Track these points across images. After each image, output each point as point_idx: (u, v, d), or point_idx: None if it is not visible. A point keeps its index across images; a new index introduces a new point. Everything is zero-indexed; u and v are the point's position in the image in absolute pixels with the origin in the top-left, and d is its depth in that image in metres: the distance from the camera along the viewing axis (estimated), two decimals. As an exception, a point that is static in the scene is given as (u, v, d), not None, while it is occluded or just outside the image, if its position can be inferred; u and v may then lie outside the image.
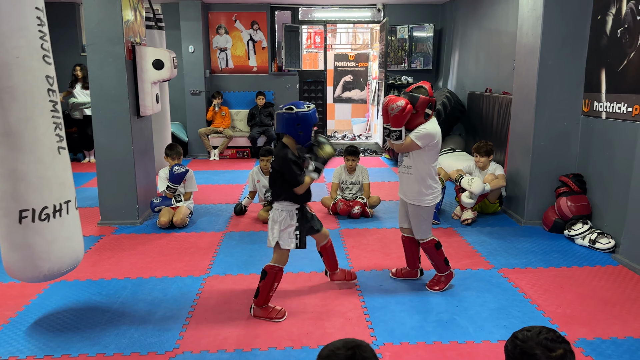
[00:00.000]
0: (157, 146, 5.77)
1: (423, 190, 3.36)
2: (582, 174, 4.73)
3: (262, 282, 3.13)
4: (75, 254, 3.00)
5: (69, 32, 8.90)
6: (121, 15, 4.63)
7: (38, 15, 2.75)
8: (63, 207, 2.86)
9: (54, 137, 2.82)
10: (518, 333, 1.57)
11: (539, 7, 4.65)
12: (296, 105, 3.06)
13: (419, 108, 3.23)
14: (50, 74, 2.82)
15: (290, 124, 3.02)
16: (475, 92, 7.55)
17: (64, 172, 2.90)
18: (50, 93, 2.79)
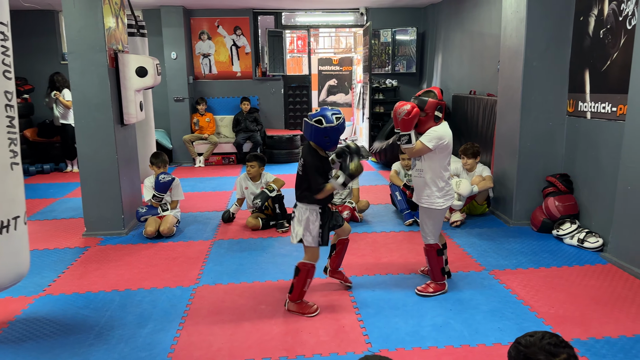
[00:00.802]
0: (142, 154, 5.68)
1: (435, 193, 3.38)
2: (568, 173, 4.77)
3: (296, 279, 3.22)
4: (19, 269, 2.89)
5: (48, 40, 8.76)
6: (103, 22, 4.55)
7: (2, 30, 2.67)
8: (11, 223, 2.78)
9: (7, 152, 2.74)
10: (521, 339, 1.56)
11: (522, 9, 4.69)
12: (325, 117, 3.07)
13: (428, 111, 3.28)
14: (10, 89, 2.74)
15: (318, 134, 3.10)
16: (459, 95, 7.59)
17: (15, 188, 2.81)
18: (7, 109, 2.71)
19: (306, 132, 3.16)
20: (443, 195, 3.39)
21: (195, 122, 8.88)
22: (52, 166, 8.12)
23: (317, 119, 3.08)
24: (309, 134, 3.13)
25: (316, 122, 3.08)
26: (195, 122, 8.88)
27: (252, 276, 3.89)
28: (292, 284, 3.25)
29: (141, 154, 5.64)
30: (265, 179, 5.22)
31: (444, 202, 3.40)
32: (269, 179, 5.20)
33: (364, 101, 9.52)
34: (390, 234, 4.84)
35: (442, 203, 3.39)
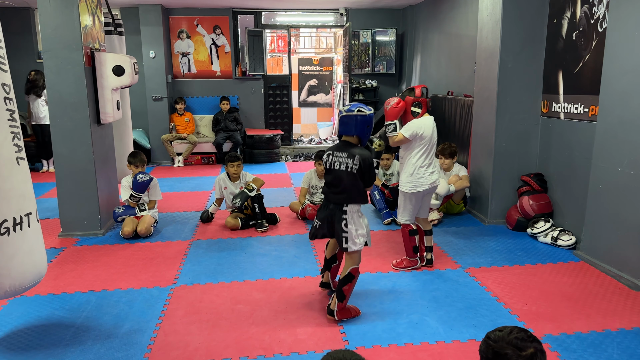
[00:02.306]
0: (119, 154, 5.62)
1: (407, 177, 3.81)
2: (542, 173, 4.86)
3: (348, 286, 3.13)
4: (37, 268, 2.88)
5: (23, 38, 8.60)
6: (79, 20, 4.50)
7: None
8: (24, 220, 2.75)
9: (12, 147, 2.70)
10: (490, 334, 1.60)
11: (497, 11, 4.77)
12: (363, 107, 3.14)
13: (406, 107, 3.80)
14: (7, 82, 2.71)
15: (363, 125, 3.12)
16: (437, 95, 7.67)
17: (23, 183, 2.78)
18: (6, 102, 2.68)
19: (347, 126, 3.14)
20: (412, 181, 3.79)
21: (172, 127, 8.81)
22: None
23: (358, 109, 3.12)
24: (351, 126, 3.12)
25: (359, 112, 3.11)
26: (172, 127, 8.81)
27: (230, 276, 3.89)
28: (342, 291, 3.11)
29: (118, 153, 5.59)
30: (245, 178, 5.21)
31: (412, 187, 3.79)
32: (248, 179, 5.19)
33: (344, 101, 9.57)
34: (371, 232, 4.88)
35: (410, 187, 3.79)
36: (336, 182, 3.13)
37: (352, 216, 3.10)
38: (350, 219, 3.09)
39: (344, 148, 3.15)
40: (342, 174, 3.11)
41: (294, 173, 7.92)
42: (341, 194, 3.11)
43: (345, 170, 3.11)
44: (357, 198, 3.11)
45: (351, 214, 3.10)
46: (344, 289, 3.12)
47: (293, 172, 8.04)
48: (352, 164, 3.08)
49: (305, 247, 4.50)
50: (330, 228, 3.17)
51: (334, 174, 3.15)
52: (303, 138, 10.98)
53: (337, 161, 3.15)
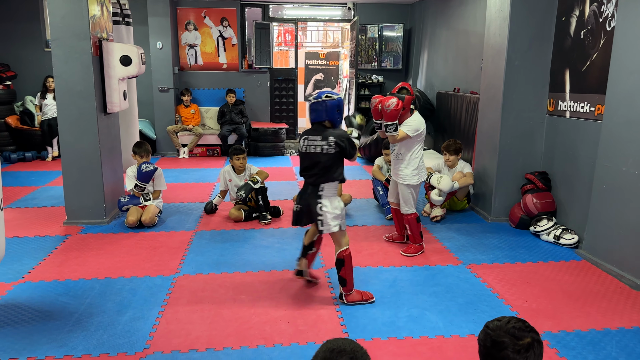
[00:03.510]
0: (125, 144, 5.65)
1: (413, 172, 4.07)
2: (547, 171, 4.86)
3: (343, 270, 3.22)
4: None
5: (32, 26, 8.63)
6: (87, 9, 4.52)
7: None
8: None
9: None
10: (489, 323, 1.63)
11: (506, 8, 4.76)
12: (331, 93, 3.26)
13: (405, 106, 3.96)
14: None
15: (332, 109, 3.21)
16: (443, 92, 7.67)
17: None
18: None
19: (318, 113, 3.23)
20: (418, 172, 4.09)
21: (178, 118, 8.83)
22: (34, 154, 8.04)
23: (326, 95, 3.22)
24: (322, 112, 3.22)
25: (327, 97, 3.21)
26: (178, 118, 8.83)
27: (233, 267, 3.92)
28: (341, 276, 3.24)
29: (124, 143, 5.62)
30: (249, 171, 5.24)
31: (419, 178, 4.11)
32: (252, 171, 5.21)
33: (350, 96, 9.57)
34: (372, 227, 4.90)
35: (417, 179, 4.10)
36: (312, 165, 3.21)
37: (328, 198, 3.19)
38: (326, 201, 3.17)
39: (317, 131, 3.23)
40: (318, 157, 3.19)
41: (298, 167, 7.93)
42: (317, 176, 3.20)
43: (320, 152, 3.18)
44: (333, 176, 3.20)
45: (327, 197, 3.18)
46: (341, 274, 3.24)
47: (297, 165, 8.05)
48: (327, 145, 3.16)
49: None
50: (309, 212, 3.23)
51: (309, 157, 3.23)
52: (308, 132, 10.98)
53: (312, 144, 3.22)
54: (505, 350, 1.54)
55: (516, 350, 1.53)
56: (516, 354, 1.52)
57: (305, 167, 3.27)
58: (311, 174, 3.23)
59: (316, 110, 3.24)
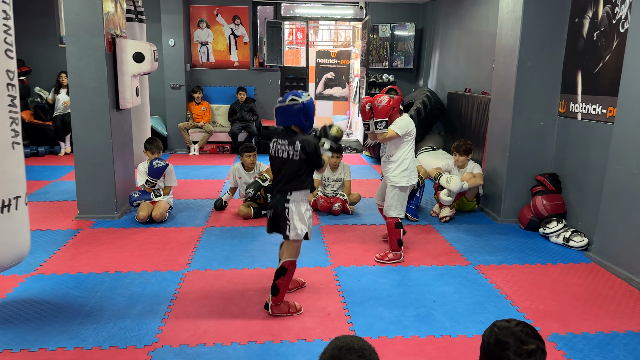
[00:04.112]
0: (137, 140, 5.71)
1: (402, 173, 3.96)
2: (557, 173, 4.84)
3: (281, 279, 3.10)
4: (20, 249, 2.94)
5: (46, 23, 8.73)
6: (101, 6, 4.57)
7: (4, 8, 2.70)
8: (12, 203, 2.82)
9: (9, 132, 2.77)
10: (498, 322, 1.62)
11: (518, 9, 4.74)
12: (297, 95, 3.06)
13: (395, 105, 3.92)
14: (11, 68, 2.77)
15: (297, 114, 3.03)
16: (454, 92, 7.65)
17: (16, 167, 2.85)
18: (9, 87, 2.75)
19: (283, 117, 3.07)
20: (407, 174, 3.98)
21: (189, 115, 8.89)
22: (47, 149, 8.13)
23: (290, 98, 3.04)
24: (286, 117, 3.05)
25: (292, 101, 3.03)
26: (189, 115, 8.89)
27: (241, 263, 3.95)
28: (276, 285, 3.10)
29: (136, 139, 5.68)
30: (259, 169, 5.27)
31: (408, 180, 3.98)
32: (262, 169, 5.24)
33: (361, 95, 9.56)
34: (380, 226, 4.90)
35: (407, 181, 3.97)
36: (280, 170, 3.09)
37: (296, 205, 3.06)
38: (293, 208, 3.05)
39: (285, 135, 3.08)
40: (284, 162, 3.06)
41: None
42: (284, 182, 3.07)
43: (286, 157, 3.05)
44: (300, 184, 3.06)
45: (295, 203, 3.05)
46: (277, 283, 3.10)
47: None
48: (293, 151, 3.02)
49: (315, 237, 4.54)
50: (276, 219, 3.12)
51: (277, 162, 3.10)
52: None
53: (279, 148, 3.09)
54: (507, 351, 1.53)
55: (518, 354, 1.51)
56: (517, 357, 1.51)
57: (274, 172, 3.15)
58: (279, 180, 3.10)
59: (281, 115, 3.07)
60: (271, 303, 3.14)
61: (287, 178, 3.06)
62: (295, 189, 3.06)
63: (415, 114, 7.60)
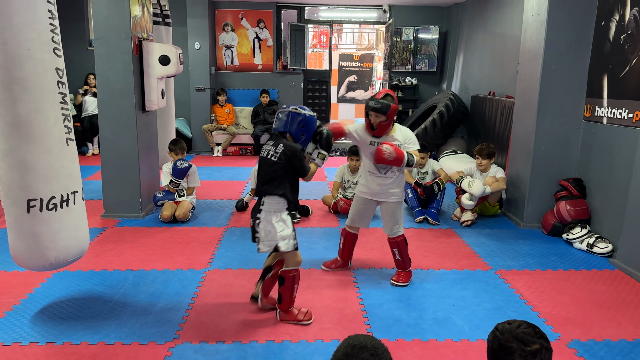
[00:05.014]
0: (161, 141, 5.82)
1: (401, 189, 3.66)
2: (582, 178, 4.76)
3: (282, 288, 3.03)
4: (80, 244, 3.05)
5: (76, 26, 8.96)
6: (129, 10, 4.68)
7: (49, 8, 2.80)
8: (70, 198, 2.91)
9: (62, 128, 2.87)
10: (499, 325, 1.60)
11: (543, 12, 4.69)
12: (301, 107, 3.03)
13: (389, 116, 3.41)
14: (60, 66, 2.87)
15: (297, 123, 2.97)
16: (478, 95, 7.59)
17: (71, 163, 2.95)
18: (59, 85, 2.85)
19: (281, 122, 2.99)
20: (403, 188, 3.71)
21: (213, 117, 9.02)
22: (75, 149, 8.33)
23: (293, 107, 3.01)
24: (285, 123, 2.98)
25: (294, 109, 2.99)
26: (213, 117, 9.02)
27: (261, 263, 3.95)
28: (280, 294, 3.05)
29: (161, 140, 5.79)
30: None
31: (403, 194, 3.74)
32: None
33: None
34: (400, 229, 4.89)
35: (402, 195, 3.70)
36: (261, 172, 2.99)
37: (267, 216, 2.89)
38: (263, 220, 2.89)
39: (274, 138, 3.01)
40: (265, 163, 2.97)
41: (328, 167, 7.97)
42: (260, 184, 2.96)
43: (267, 157, 2.95)
44: (273, 188, 2.90)
45: (265, 213, 2.89)
46: (280, 291, 3.04)
47: (327, 166, 8.09)
48: (274, 151, 2.92)
49: (335, 240, 4.55)
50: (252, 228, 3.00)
51: (261, 162, 3.02)
52: (340, 134, 11.01)
53: (265, 149, 3.01)
54: (512, 355, 1.51)
55: (523, 356, 1.50)
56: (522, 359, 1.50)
57: (258, 176, 3.05)
58: (258, 182, 3.00)
59: (279, 119, 3.01)
60: (279, 310, 3.10)
61: (263, 180, 2.96)
62: (268, 193, 2.91)
63: (438, 117, 7.57)
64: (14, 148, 2.73)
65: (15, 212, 2.81)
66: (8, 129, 2.71)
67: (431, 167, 5.46)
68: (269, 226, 2.91)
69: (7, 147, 2.73)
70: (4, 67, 2.66)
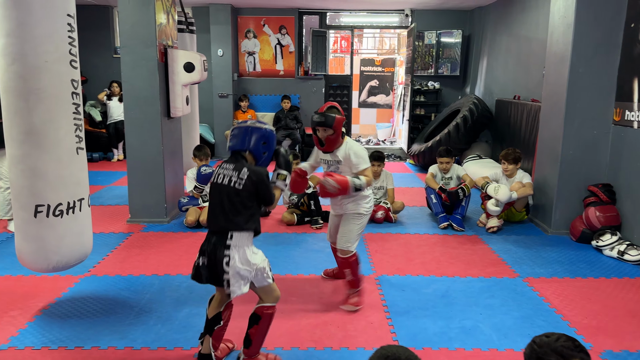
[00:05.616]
0: (186, 147, 5.88)
1: (363, 200, 3.31)
2: (611, 184, 4.65)
3: (255, 328, 2.60)
4: (83, 248, 3.15)
5: (102, 34, 9.14)
6: (154, 18, 4.75)
7: (69, 21, 2.87)
8: (76, 205, 3.00)
9: (74, 138, 2.95)
10: (537, 338, 1.56)
11: (570, 15, 4.60)
12: (260, 122, 2.68)
13: (336, 129, 3.21)
14: (76, 77, 2.95)
15: (258, 139, 2.58)
16: (503, 99, 7.49)
17: (80, 171, 3.03)
18: (74, 96, 2.93)
19: (237, 139, 2.59)
20: (367, 200, 3.35)
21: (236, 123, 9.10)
22: (100, 155, 8.49)
23: (251, 123, 2.64)
24: (242, 139, 2.58)
25: (255, 125, 2.62)
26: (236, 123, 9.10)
27: (285, 269, 3.99)
28: (249, 335, 2.61)
29: (185, 146, 5.84)
30: (303, 175, 5.30)
31: (370, 206, 3.38)
32: (306, 176, 5.27)
33: (405, 103, 9.50)
34: (424, 236, 4.85)
35: (369, 207, 3.35)
36: (218, 202, 2.51)
37: (238, 252, 2.48)
38: (234, 257, 2.46)
39: (232, 160, 2.58)
40: (224, 191, 2.50)
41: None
42: (223, 219, 2.49)
43: (227, 185, 2.50)
44: (244, 224, 2.48)
45: (237, 248, 2.47)
46: (250, 332, 2.60)
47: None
48: (237, 177, 2.48)
49: (359, 246, 4.52)
50: (213, 268, 2.52)
51: (216, 191, 2.55)
52: (361, 138, 11.00)
53: (221, 174, 2.55)
54: None
55: None
56: None
57: (211, 205, 2.58)
58: (216, 214, 2.52)
59: (236, 136, 2.59)
60: (243, 356, 2.66)
61: (224, 214, 2.49)
62: (236, 229, 2.47)
63: (461, 121, 7.49)
64: (26, 155, 2.83)
65: (22, 216, 2.92)
66: (22, 136, 2.82)
67: (456, 172, 5.39)
68: (245, 264, 2.49)
69: (20, 153, 2.84)
70: (23, 78, 2.76)
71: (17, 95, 2.78)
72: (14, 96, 2.79)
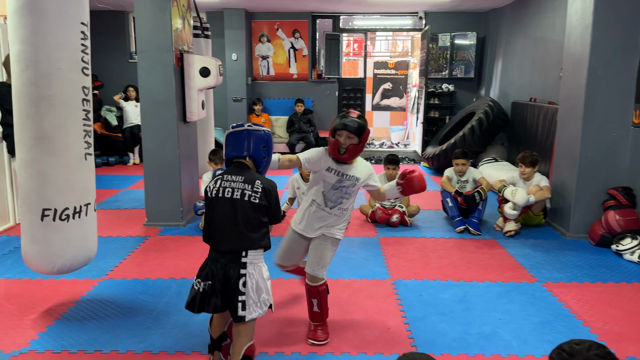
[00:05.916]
0: (201, 151, 5.91)
1: (344, 224, 3.04)
2: (631, 187, 4.58)
3: None
4: (88, 253, 3.20)
5: (118, 39, 9.24)
6: (171, 23, 4.78)
7: (82, 29, 2.91)
8: (83, 209, 3.05)
9: (82, 144, 2.99)
10: (565, 345, 1.47)
11: (588, 16, 4.55)
12: (255, 124, 2.51)
13: (363, 139, 2.88)
14: (87, 84, 2.99)
15: (258, 143, 2.43)
16: (519, 101, 7.43)
17: (88, 176, 3.07)
18: (84, 103, 2.97)
19: (235, 145, 2.42)
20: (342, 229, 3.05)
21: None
22: (116, 159, 8.57)
23: (249, 125, 2.46)
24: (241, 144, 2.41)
25: (252, 128, 2.45)
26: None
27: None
28: None
29: (201, 150, 5.87)
30: (318, 179, 5.29)
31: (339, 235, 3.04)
32: (321, 180, 5.26)
33: (419, 105, 9.47)
34: (440, 240, 4.81)
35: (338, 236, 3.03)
36: (228, 218, 2.31)
37: (255, 270, 2.33)
38: (252, 275, 2.31)
39: (237, 170, 2.38)
40: (237, 206, 2.31)
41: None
42: (237, 237, 2.31)
43: (241, 199, 2.31)
44: (260, 240, 2.34)
45: (253, 265, 2.32)
46: None
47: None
48: (252, 191, 2.31)
49: (374, 249, 4.52)
50: (224, 292, 2.33)
51: (223, 205, 2.33)
52: (374, 141, 10.97)
53: (228, 187, 2.33)
54: None
55: None
56: None
57: (214, 223, 2.35)
58: (226, 232, 2.32)
59: (234, 143, 2.40)
60: None
61: (238, 231, 2.30)
62: (252, 247, 2.30)
63: (476, 124, 7.44)
64: (35, 159, 2.88)
65: (29, 219, 2.97)
66: (32, 141, 2.86)
67: (472, 175, 5.35)
68: (262, 282, 2.35)
69: (30, 158, 2.89)
70: (35, 84, 2.80)
71: (28, 100, 2.83)
72: (25, 102, 2.84)
